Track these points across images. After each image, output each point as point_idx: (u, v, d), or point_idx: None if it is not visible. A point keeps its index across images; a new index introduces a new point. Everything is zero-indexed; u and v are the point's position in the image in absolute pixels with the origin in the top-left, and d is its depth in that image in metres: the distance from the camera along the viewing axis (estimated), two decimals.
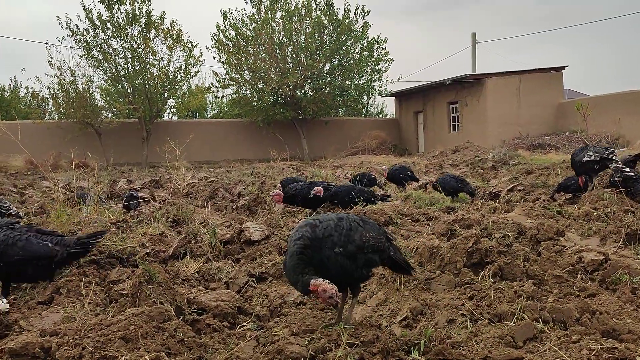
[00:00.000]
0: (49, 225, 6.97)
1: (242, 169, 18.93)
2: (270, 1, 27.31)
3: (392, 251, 3.41)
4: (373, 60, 28.40)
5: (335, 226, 3.12)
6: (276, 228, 6.62)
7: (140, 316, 2.77)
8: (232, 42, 27.21)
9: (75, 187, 9.36)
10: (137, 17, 24.54)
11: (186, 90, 28.03)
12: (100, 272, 4.60)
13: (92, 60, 24.71)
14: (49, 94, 25.38)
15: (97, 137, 24.61)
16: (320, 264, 3.01)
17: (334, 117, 30.84)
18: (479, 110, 25.60)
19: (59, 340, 2.60)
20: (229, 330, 3.35)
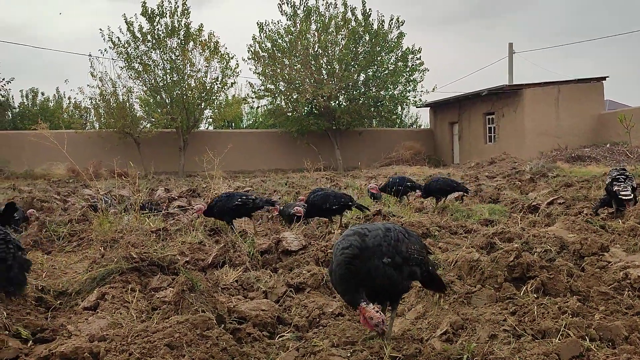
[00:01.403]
0: (91, 232, 7.17)
1: (276, 178, 19.08)
2: (305, 13, 27.58)
3: (430, 265, 3.36)
4: (407, 70, 28.33)
5: (383, 236, 3.08)
6: (312, 238, 6.65)
7: (184, 324, 2.83)
8: (267, 54, 27.56)
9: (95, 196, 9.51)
10: (177, 30, 25.13)
11: (222, 100, 28.49)
12: (141, 280, 4.70)
13: (133, 71, 25.40)
14: (90, 104, 26.20)
15: (135, 146, 25.20)
16: (367, 275, 2.96)
17: (367, 128, 30.83)
18: (516, 121, 25.20)
19: (107, 346, 2.67)
20: (269, 340, 3.38)
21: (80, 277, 4.92)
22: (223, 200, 7.23)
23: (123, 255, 4.86)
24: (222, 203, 7.16)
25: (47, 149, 20.37)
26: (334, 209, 7.23)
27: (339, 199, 7.26)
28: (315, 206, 7.23)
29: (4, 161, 23.64)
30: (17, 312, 3.98)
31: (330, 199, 7.19)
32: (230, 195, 7.37)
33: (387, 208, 8.02)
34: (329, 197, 7.24)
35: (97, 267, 4.87)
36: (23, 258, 4.03)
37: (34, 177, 22.25)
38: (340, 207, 7.28)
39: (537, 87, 24.89)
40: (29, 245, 6.48)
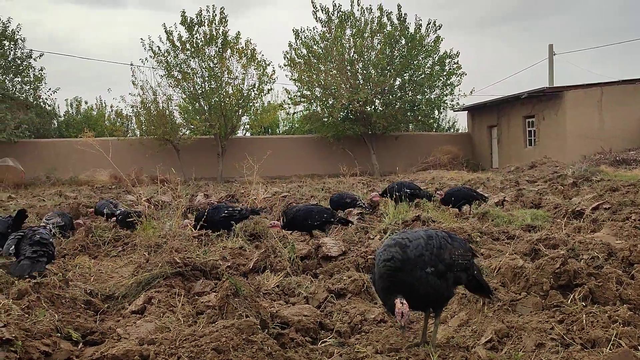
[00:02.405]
0: (135, 238, 7.35)
1: (312, 184, 19.14)
2: (340, 19, 27.65)
3: (475, 270, 3.29)
4: (445, 74, 28.04)
5: (425, 245, 3.05)
6: (351, 244, 6.65)
7: (230, 328, 2.87)
8: (303, 60, 27.73)
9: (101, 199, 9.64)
10: (215, 38, 25.55)
11: (259, 107, 28.79)
12: (185, 284, 4.80)
13: (172, 79, 25.92)
14: (132, 112, 26.85)
15: (175, 153, 25.70)
16: (410, 286, 2.94)
17: (404, 132, 30.62)
18: (557, 124, 24.62)
19: (156, 349, 2.74)
20: (312, 346, 3.40)
21: (126, 281, 5.06)
22: (210, 213, 7.37)
23: (167, 260, 4.98)
24: (210, 216, 7.27)
25: (91, 156, 21.00)
26: (316, 225, 7.14)
27: (321, 215, 7.18)
28: (297, 220, 7.13)
29: (50, 168, 24.46)
30: (68, 315, 4.11)
31: (312, 215, 7.12)
32: (217, 207, 7.55)
33: (425, 213, 7.95)
34: (312, 213, 7.17)
35: (142, 272, 5.00)
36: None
37: (79, 183, 22.93)
38: (321, 223, 7.17)
39: (579, 89, 24.25)
40: (77, 250, 6.68)
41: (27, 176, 23.46)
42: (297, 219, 7.05)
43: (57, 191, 17.77)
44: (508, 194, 11.51)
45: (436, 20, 28.09)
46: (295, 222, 7.07)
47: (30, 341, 3.32)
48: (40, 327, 3.54)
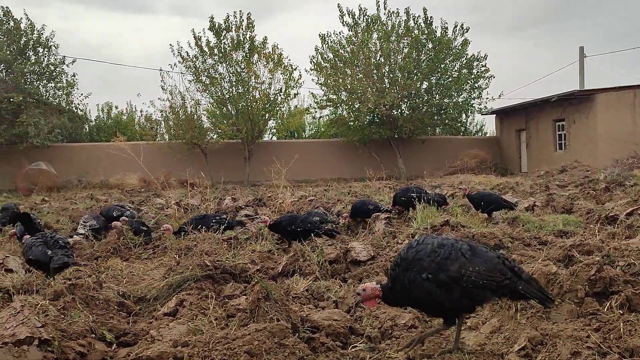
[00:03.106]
0: (165, 240, 7.46)
1: (338, 187, 19.13)
2: (366, 23, 27.63)
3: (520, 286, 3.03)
4: (472, 77, 27.77)
5: (430, 251, 3.04)
6: (379, 248, 6.62)
7: (262, 332, 2.89)
8: (329, 64, 27.78)
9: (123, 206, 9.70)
10: (242, 43, 25.79)
11: (286, 111, 28.91)
12: (215, 287, 4.84)
13: (200, 84, 26.24)
14: (161, 116, 27.27)
15: (203, 156, 25.98)
16: (403, 285, 3.03)
17: (431, 136, 30.40)
18: (588, 128, 24.13)
19: (190, 351, 2.78)
20: (342, 350, 3.39)
21: (157, 283, 5.14)
22: (199, 221, 7.59)
23: (197, 263, 5.04)
24: (198, 224, 7.48)
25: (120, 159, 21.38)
26: (298, 231, 7.11)
27: (305, 223, 7.20)
28: (281, 224, 7.24)
29: (82, 172, 24.99)
30: (102, 316, 4.20)
31: (297, 222, 7.17)
32: (206, 216, 7.76)
33: (455, 218, 7.87)
34: (296, 221, 7.24)
35: (173, 274, 5.07)
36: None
37: (109, 186, 23.39)
38: (304, 231, 7.12)
39: (610, 92, 23.72)
40: (109, 252, 6.81)
41: (60, 179, 24.02)
42: (282, 223, 7.21)
43: (88, 194, 18.17)
44: (538, 198, 11.31)
45: (463, 23, 27.82)
46: (280, 225, 7.21)
47: (66, 341, 3.40)
48: (75, 328, 3.62)
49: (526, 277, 3.02)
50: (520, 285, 2.99)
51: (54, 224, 10.05)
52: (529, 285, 3.02)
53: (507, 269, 3.05)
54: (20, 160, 24.19)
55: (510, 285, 2.98)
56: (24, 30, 25.22)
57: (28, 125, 23.68)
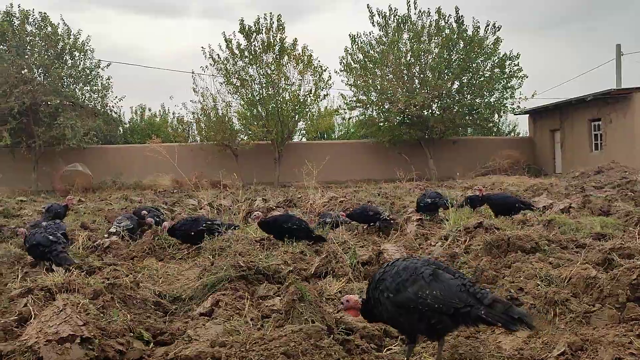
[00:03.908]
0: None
1: (368, 189, 19.08)
2: (397, 23, 27.50)
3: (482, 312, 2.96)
4: (505, 77, 27.34)
5: (395, 273, 3.17)
6: (412, 250, 6.58)
7: (298, 333, 2.91)
8: (359, 65, 27.74)
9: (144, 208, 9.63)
10: (272, 45, 25.97)
11: (315, 112, 28.99)
12: (249, 287, 4.89)
13: (231, 86, 26.54)
14: (192, 118, 27.67)
15: (234, 158, 26.25)
16: (374, 302, 3.23)
17: (462, 137, 30.05)
18: (625, 128, 23.49)
19: (227, 352, 2.81)
20: (377, 352, 3.39)
21: (192, 283, 5.21)
22: (189, 224, 7.47)
23: (231, 263, 5.09)
24: (188, 227, 7.39)
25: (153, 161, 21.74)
26: (294, 229, 7.06)
27: (300, 222, 7.24)
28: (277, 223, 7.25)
29: (116, 173, 25.53)
30: (139, 315, 4.28)
31: (292, 221, 7.21)
32: (197, 219, 7.66)
33: (488, 220, 7.76)
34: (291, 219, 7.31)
35: (207, 275, 5.13)
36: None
37: (142, 187, 23.83)
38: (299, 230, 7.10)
39: None
40: (144, 252, 6.93)
41: (95, 180, 24.59)
42: (278, 221, 7.26)
43: (122, 195, 18.54)
44: (574, 200, 11.06)
45: (495, 22, 27.42)
46: (276, 223, 7.23)
47: (106, 340, 3.47)
48: (114, 327, 3.70)
49: (489, 301, 2.96)
50: (482, 311, 2.93)
51: (90, 224, 10.28)
52: (492, 309, 2.94)
53: (468, 296, 3.01)
54: (58, 162, 24.87)
55: (472, 312, 2.96)
56: (61, 35, 25.91)
57: (65, 127, 24.32)
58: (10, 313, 3.91)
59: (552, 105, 28.09)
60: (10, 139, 23.85)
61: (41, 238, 5.83)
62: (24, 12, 25.34)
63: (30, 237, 5.99)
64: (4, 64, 23.85)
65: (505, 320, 2.88)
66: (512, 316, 2.87)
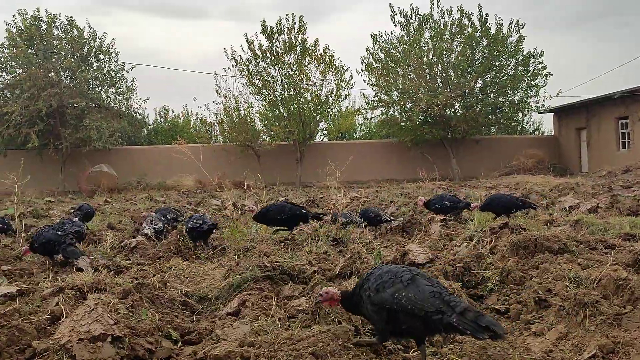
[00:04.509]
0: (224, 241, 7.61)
1: (390, 189, 19.00)
2: (419, 22, 27.35)
3: (454, 319, 3.01)
4: (529, 75, 26.98)
5: (378, 275, 3.38)
6: (437, 251, 6.54)
7: (326, 334, 2.92)
8: (381, 65, 27.65)
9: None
10: (294, 46, 26.06)
11: (337, 112, 28.99)
12: (274, 288, 4.91)
13: (253, 87, 26.71)
14: (215, 119, 27.92)
15: (256, 158, 26.40)
16: (357, 298, 3.42)
17: (485, 136, 29.74)
18: None
19: (256, 351, 2.83)
20: (404, 354, 3.38)
21: (218, 283, 5.26)
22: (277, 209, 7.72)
23: (257, 263, 5.12)
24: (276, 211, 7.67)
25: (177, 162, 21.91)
26: (288, 218, 7.28)
27: (294, 209, 7.41)
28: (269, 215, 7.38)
29: (141, 174, 25.89)
30: (167, 315, 4.33)
31: (285, 210, 7.34)
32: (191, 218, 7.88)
33: (514, 221, 7.67)
34: (284, 209, 7.41)
35: (233, 275, 5.17)
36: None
37: (166, 188, 24.11)
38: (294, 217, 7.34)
39: None
40: (171, 252, 7.02)
41: (120, 181, 24.98)
42: (270, 212, 7.37)
43: (147, 195, 18.78)
44: (601, 200, 10.87)
45: (519, 20, 27.11)
46: (268, 214, 7.35)
47: (135, 339, 3.53)
48: (143, 326, 3.76)
49: (461, 309, 3.01)
50: (454, 319, 2.98)
51: (117, 224, 10.44)
52: (463, 317, 2.98)
53: (441, 302, 3.08)
54: (84, 163, 25.31)
55: (444, 319, 3.02)
56: (87, 38, 26.38)
57: (91, 129, 24.75)
58: (42, 312, 3.99)
59: (578, 103, 27.65)
60: (38, 141, 24.35)
61: (51, 235, 6.10)
62: (50, 16, 25.86)
63: (38, 235, 6.22)
64: (32, 68, 24.36)
65: (474, 329, 2.93)
66: (479, 324, 2.91)
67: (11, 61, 25.42)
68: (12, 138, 24.95)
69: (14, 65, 25.46)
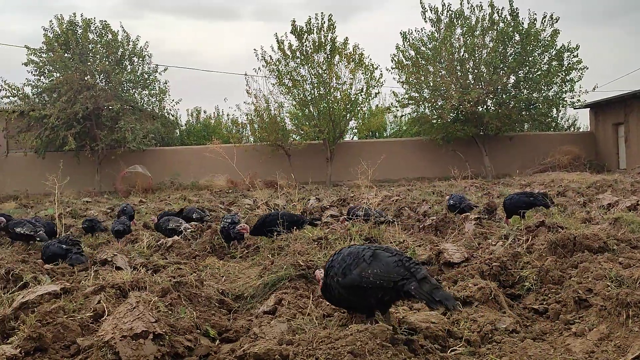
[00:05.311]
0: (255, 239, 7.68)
1: (422, 187, 18.85)
2: (449, 18, 27.04)
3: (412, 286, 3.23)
4: (563, 70, 26.37)
5: (341, 259, 3.57)
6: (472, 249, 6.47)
7: (364, 332, 2.92)
8: (411, 62, 27.43)
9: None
10: (323, 45, 26.06)
11: (367, 111, 28.87)
12: (308, 286, 4.94)
13: (283, 87, 26.80)
14: (246, 119, 28.13)
15: (286, 158, 26.52)
16: (328, 287, 3.64)
17: (519, 132, 29.20)
18: None
19: (295, 350, 2.86)
20: (441, 353, 3.36)
21: (253, 282, 5.33)
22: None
23: (291, 262, 5.16)
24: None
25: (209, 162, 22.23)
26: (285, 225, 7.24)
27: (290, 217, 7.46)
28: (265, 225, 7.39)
29: (174, 174, 26.30)
30: (204, 313, 4.41)
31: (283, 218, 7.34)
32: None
33: (550, 219, 7.52)
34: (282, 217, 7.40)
35: (268, 274, 5.23)
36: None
37: (199, 188, 24.44)
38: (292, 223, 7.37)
39: None
40: (206, 251, 7.13)
41: (154, 182, 25.43)
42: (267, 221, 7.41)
43: (181, 195, 19.06)
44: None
45: (553, 13, 26.47)
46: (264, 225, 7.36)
47: (175, 336, 3.60)
48: (182, 324, 3.83)
49: (421, 276, 3.24)
50: (412, 286, 3.19)
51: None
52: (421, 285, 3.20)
53: (404, 269, 3.30)
54: (119, 164, 25.86)
55: (405, 285, 3.22)
56: (121, 42, 26.90)
57: (125, 130, 25.24)
58: (85, 309, 4.10)
59: (616, 97, 26.90)
60: (75, 143, 24.97)
61: (56, 248, 6.55)
62: (86, 21, 26.47)
63: (45, 249, 6.69)
64: (68, 71, 24.99)
65: (428, 299, 3.15)
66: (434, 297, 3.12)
67: (49, 65, 26.09)
68: (51, 140, 25.62)
69: (51, 69, 26.14)
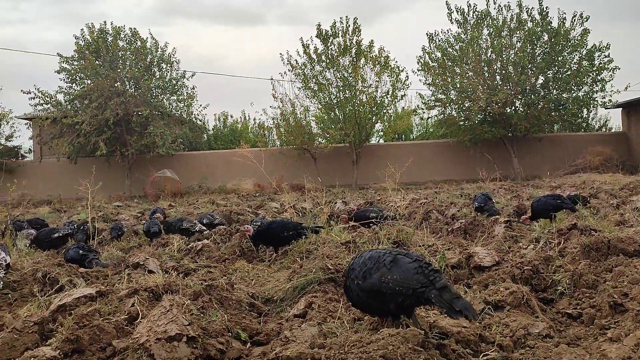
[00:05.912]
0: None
1: (450, 190, 18.68)
2: (476, 19, 26.77)
3: (432, 294, 3.27)
4: (594, 69, 25.84)
5: (362, 262, 3.63)
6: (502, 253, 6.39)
7: (396, 337, 2.92)
8: (437, 63, 27.24)
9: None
10: (348, 48, 26.08)
11: (393, 113, 28.77)
12: (337, 290, 4.95)
13: (309, 91, 26.90)
14: (272, 123, 28.32)
15: (312, 161, 26.59)
16: (347, 289, 3.76)
17: (548, 134, 28.72)
18: None
19: (327, 353, 2.88)
20: (473, 358, 3.33)
21: (282, 285, 5.36)
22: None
23: (320, 266, 5.18)
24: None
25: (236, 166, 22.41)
26: (291, 234, 7.19)
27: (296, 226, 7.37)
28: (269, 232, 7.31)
29: (202, 178, 26.64)
30: (235, 316, 4.46)
31: (289, 227, 7.29)
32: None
33: (583, 221, 7.39)
34: (288, 225, 7.37)
35: (297, 277, 5.26)
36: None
37: (226, 191, 24.69)
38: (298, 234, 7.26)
39: None
40: (236, 255, 7.20)
41: (183, 186, 25.79)
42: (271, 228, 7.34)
43: (209, 199, 19.28)
44: None
45: (583, 12, 25.98)
46: (268, 232, 7.29)
47: (207, 339, 3.65)
48: (214, 327, 3.88)
49: (441, 285, 3.27)
50: (432, 294, 3.22)
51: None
52: (442, 294, 3.24)
53: (424, 277, 3.33)
54: (148, 169, 26.31)
55: (425, 292, 3.25)
56: (149, 48, 27.39)
57: (155, 136, 25.69)
58: (120, 312, 4.19)
59: None
60: (106, 149, 25.51)
61: (74, 253, 6.91)
62: (116, 28, 27.05)
63: (65, 252, 7.12)
64: (99, 78, 25.55)
65: (448, 308, 3.19)
66: (454, 307, 3.16)
67: (80, 73, 26.72)
68: (82, 146, 26.23)
69: (82, 76, 26.77)
